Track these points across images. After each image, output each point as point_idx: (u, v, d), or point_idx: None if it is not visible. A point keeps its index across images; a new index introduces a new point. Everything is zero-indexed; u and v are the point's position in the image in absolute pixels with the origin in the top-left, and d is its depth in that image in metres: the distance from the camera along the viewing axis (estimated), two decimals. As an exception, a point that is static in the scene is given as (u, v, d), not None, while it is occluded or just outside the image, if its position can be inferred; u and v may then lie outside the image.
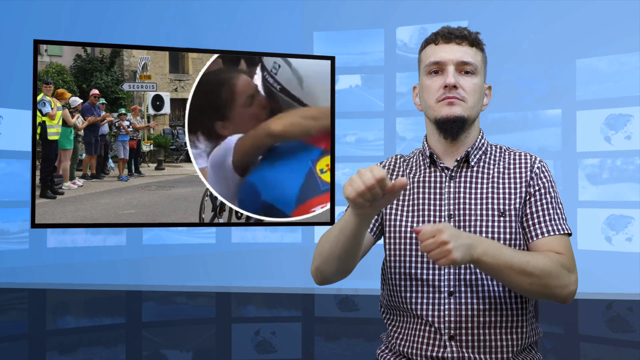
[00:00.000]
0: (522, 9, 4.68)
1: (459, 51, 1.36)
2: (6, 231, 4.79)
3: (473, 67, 1.37)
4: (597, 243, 4.52)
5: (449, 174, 1.41)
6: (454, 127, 1.37)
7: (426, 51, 1.41)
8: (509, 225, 1.35)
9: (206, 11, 5.19)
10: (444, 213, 1.38)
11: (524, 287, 1.26)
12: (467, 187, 1.39)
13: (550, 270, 1.26)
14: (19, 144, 4.56)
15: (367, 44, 5.21)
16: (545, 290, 1.27)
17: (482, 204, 1.36)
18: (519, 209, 1.36)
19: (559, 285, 1.27)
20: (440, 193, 1.40)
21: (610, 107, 4.52)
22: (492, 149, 1.44)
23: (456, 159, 1.40)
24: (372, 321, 3.99)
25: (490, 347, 1.34)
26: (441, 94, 1.36)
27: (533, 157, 1.42)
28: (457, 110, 1.35)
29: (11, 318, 4.17)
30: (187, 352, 3.39)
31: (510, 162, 1.41)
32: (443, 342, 1.34)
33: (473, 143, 1.41)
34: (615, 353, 3.39)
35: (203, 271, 5.12)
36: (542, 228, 1.35)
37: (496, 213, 1.35)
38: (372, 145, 5.08)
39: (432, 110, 1.39)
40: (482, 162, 1.42)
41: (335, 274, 1.37)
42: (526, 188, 1.38)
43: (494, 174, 1.40)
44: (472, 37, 1.38)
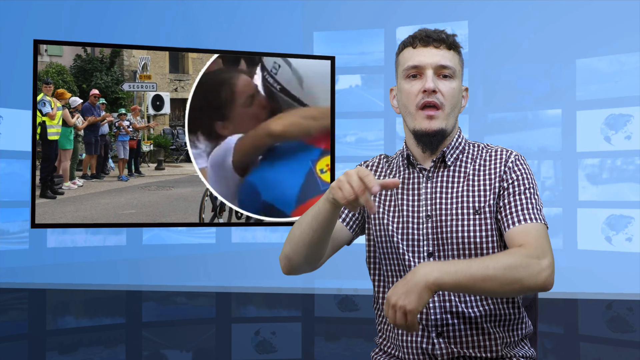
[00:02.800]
0: (522, 9, 4.68)
1: (437, 55, 1.36)
2: (6, 231, 4.79)
3: (451, 70, 1.37)
4: (597, 243, 4.52)
5: (426, 174, 1.41)
6: (433, 141, 1.38)
7: (404, 54, 1.41)
8: (484, 222, 1.34)
9: (206, 11, 5.19)
10: (422, 214, 1.39)
11: (496, 290, 1.24)
12: (443, 186, 1.39)
13: (513, 264, 1.22)
14: (19, 144, 4.56)
15: (367, 44, 5.21)
16: (518, 285, 1.23)
17: (457, 202, 1.37)
18: (493, 205, 1.35)
19: (529, 275, 1.22)
20: (419, 194, 1.41)
21: (610, 107, 4.52)
22: (469, 147, 1.44)
23: (432, 160, 1.41)
24: (372, 321, 3.98)
25: (479, 342, 1.35)
26: (420, 98, 1.36)
27: (508, 151, 1.40)
28: (435, 124, 1.36)
29: (11, 318, 4.17)
30: (187, 352, 3.39)
31: (485, 158, 1.41)
32: (431, 339, 1.35)
33: (449, 143, 1.41)
34: (615, 353, 3.39)
35: (203, 271, 5.12)
36: (513, 218, 1.32)
37: (471, 211, 1.35)
38: (372, 145, 5.08)
39: (411, 118, 1.39)
40: (458, 161, 1.41)
41: (304, 263, 1.38)
42: (499, 183, 1.36)
43: (470, 172, 1.40)
44: (450, 40, 1.38)
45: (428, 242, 1.37)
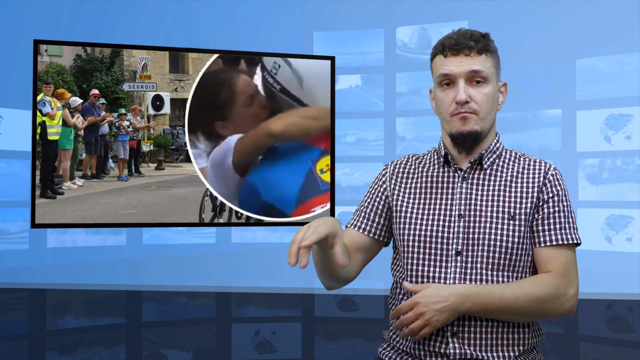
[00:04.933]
0: (522, 9, 4.68)
1: (468, 63, 1.36)
2: (6, 231, 4.79)
3: (483, 75, 1.37)
4: (597, 243, 4.53)
5: (461, 174, 1.42)
6: (467, 142, 1.39)
7: (435, 62, 1.41)
8: (517, 229, 1.35)
9: (206, 11, 5.19)
10: (454, 213, 1.39)
11: (520, 319, 1.34)
12: (478, 188, 1.40)
13: (542, 297, 1.30)
14: (19, 144, 4.56)
15: (367, 44, 5.21)
16: (544, 315, 1.34)
17: (492, 206, 1.37)
18: (529, 213, 1.37)
19: (556, 306, 1.33)
20: (452, 193, 1.41)
21: (610, 107, 4.52)
22: (506, 153, 1.45)
23: (470, 161, 1.41)
24: (372, 321, 3.99)
25: (492, 345, 1.35)
26: (454, 108, 1.37)
27: (548, 164, 1.43)
28: (470, 126, 1.37)
29: (11, 318, 4.17)
30: (187, 352, 3.38)
31: (524, 167, 1.42)
32: (446, 338, 1.35)
33: (488, 146, 1.42)
34: (615, 353, 3.39)
35: (203, 271, 5.13)
36: (549, 236, 1.36)
37: (506, 216, 1.36)
38: (372, 145, 5.08)
39: (446, 124, 1.41)
40: (495, 165, 1.42)
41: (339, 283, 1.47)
42: (538, 194, 1.38)
43: (507, 177, 1.41)
44: (480, 45, 1.37)
45: (458, 240, 1.37)
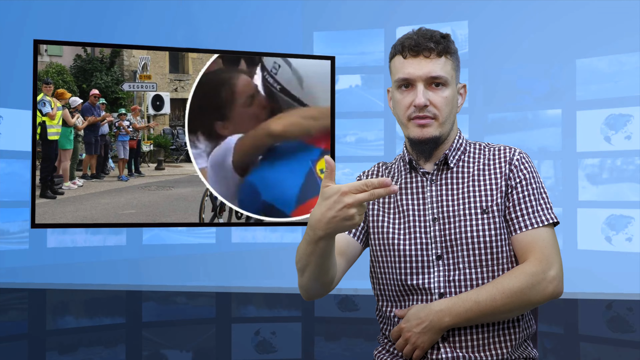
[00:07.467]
0: (522, 9, 4.68)
1: (427, 66, 1.32)
2: (6, 231, 4.79)
3: (443, 79, 1.34)
4: (597, 243, 4.52)
5: (429, 177, 1.40)
6: (426, 148, 1.37)
7: (395, 63, 1.38)
8: (492, 222, 1.34)
9: (206, 11, 5.18)
10: (428, 217, 1.38)
11: (508, 315, 1.32)
12: (448, 188, 1.38)
13: (519, 288, 1.28)
14: (19, 144, 4.56)
15: (367, 44, 5.21)
16: (528, 304, 1.31)
17: (464, 204, 1.36)
18: (501, 203, 1.35)
19: (537, 292, 1.30)
20: (423, 198, 1.39)
21: (610, 107, 4.52)
22: (470, 147, 1.43)
23: (435, 163, 1.40)
24: (372, 321, 3.98)
25: (484, 345, 1.34)
26: (412, 111, 1.34)
27: (512, 149, 1.40)
28: (428, 132, 1.34)
29: (11, 318, 4.16)
30: (187, 352, 3.38)
31: (489, 157, 1.40)
32: (436, 344, 1.34)
33: (450, 145, 1.40)
34: (615, 353, 3.39)
35: (203, 271, 5.12)
36: (523, 222, 1.34)
37: (479, 211, 1.35)
38: (372, 145, 5.08)
39: (404, 127, 1.38)
40: (461, 162, 1.41)
41: (321, 289, 1.34)
42: (506, 181, 1.36)
43: (474, 172, 1.39)
44: (440, 47, 1.33)
45: (436, 244, 1.35)
